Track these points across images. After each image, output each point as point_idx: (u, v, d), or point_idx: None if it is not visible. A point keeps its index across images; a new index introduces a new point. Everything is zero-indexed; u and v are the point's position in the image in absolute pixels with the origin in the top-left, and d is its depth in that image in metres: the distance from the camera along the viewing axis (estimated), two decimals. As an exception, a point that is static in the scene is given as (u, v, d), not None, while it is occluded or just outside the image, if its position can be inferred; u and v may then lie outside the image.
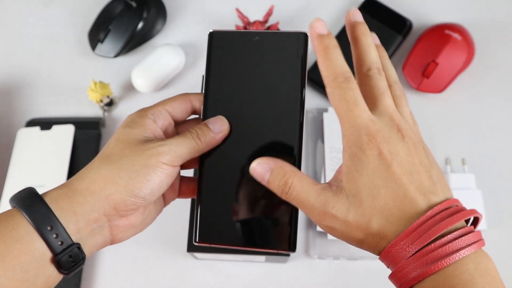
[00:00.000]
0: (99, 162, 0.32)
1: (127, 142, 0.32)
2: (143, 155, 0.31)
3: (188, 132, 0.33)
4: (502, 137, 0.62)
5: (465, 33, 0.63)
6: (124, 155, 0.31)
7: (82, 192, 0.30)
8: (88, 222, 0.30)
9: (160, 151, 0.31)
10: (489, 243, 0.57)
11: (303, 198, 0.30)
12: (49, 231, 0.28)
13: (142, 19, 0.67)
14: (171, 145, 0.32)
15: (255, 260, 0.55)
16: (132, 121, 0.34)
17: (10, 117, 0.66)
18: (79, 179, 0.31)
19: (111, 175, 0.30)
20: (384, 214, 0.29)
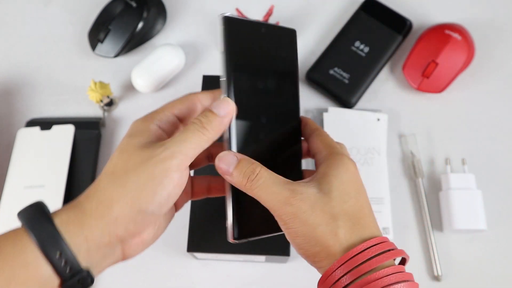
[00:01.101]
0: (105, 180, 0.30)
1: (130, 153, 0.30)
2: (147, 165, 0.29)
3: (191, 123, 0.31)
4: (502, 137, 0.62)
5: (465, 33, 0.63)
6: (128, 170, 0.30)
7: (92, 215, 0.29)
8: (99, 247, 0.29)
9: (164, 157, 0.29)
10: (489, 243, 0.58)
11: (269, 185, 0.30)
12: (58, 258, 0.27)
13: (142, 19, 0.67)
14: (175, 145, 0.30)
15: (255, 260, 0.55)
16: (135, 129, 0.32)
17: (10, 117, 0.66)
18: (88, 198, 0.30)
19: (116, 194, 0.29)
20: (351, 220, 0.30)
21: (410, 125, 0.63)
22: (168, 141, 0.30)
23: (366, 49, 0.65)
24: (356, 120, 0.62)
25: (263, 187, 0.30)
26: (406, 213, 0.59)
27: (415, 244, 0.57)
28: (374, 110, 0.63)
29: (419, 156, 0.61)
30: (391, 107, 0.64)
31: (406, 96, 0.65)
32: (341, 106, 0.64)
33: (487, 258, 0.56)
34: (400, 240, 0.57)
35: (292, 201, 0.30)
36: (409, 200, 0.59)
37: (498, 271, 0.56)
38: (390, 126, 0.63)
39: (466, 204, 0.56)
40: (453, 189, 0.57)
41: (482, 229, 0.55)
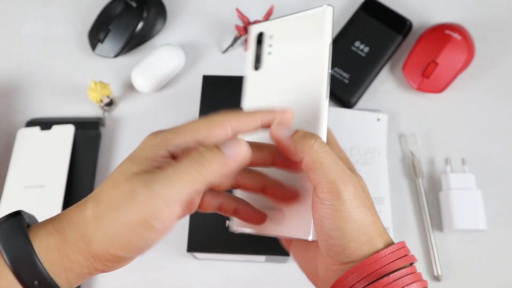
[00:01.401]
0: (90, 210, 0.27)
1: (118, 186, 0.26)
2: (126, 210, 0.25)
3: (187, 156, 0.26)
4: (502, 137, 0.62)
5: (465, 33, 0.63)
6: (110, 207, 0.26)
7: (72, 247, 0.27)
8: (79, 276, 0.28)
9: (143, 202, 0.25)
10: (489, 243, 0.58)
11: (333, 154, 0.29)
12: (37, 285, 0.26)
13: (142, 19, 0.67)
14: (159, 185, 0.25)
15: (255, 260, 0.55)
16: (139, 153, 0.28)
17: (10, 117, 0.66)
18: (71, 225, 0.27)
19: (95, 234, 0.26)
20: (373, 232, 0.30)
21: (410, 125, 0.63)
22: (151, 177, 0.26)
23: (366, 49, 0.65)
24: (356, 120, 0.62)
25: (330, 154, 0.29)
26: (406, 213, 0.59)
27: (415, 244, 0.57)
28: (374, 110, 0.63)
29: (419, 156, 0.61)
30: (391, 107, 0.64)
31: (406, 96, 0.65)
32: (341, 106, 0.64)
33: (487, 258, 0.56)
34: (400, 240, 0.57)
35: (355, 176, 0.29)
36: (409, 200, 0.59)
37: (498, 271, 0.56)
38: (390, 126, 0.63)
39: (466, 204, 0.56)
40: (453, 189, 0.57)
41: (482, 229, 0.55)
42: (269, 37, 0.36)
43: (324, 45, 0.34)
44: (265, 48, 0.36)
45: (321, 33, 0.34)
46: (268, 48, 0.36)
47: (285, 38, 0.35)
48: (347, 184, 0.28)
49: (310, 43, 0.34)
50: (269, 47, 0.36)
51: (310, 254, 0.33)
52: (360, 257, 0.29)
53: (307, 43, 0.34)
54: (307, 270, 0.34)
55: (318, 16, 0.34)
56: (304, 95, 0.34)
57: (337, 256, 0.29)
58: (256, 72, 0.36)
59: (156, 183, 0.25)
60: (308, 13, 0.35)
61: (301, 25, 0.35)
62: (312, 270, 0.33)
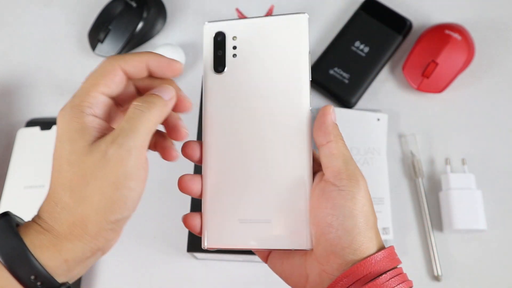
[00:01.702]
0: (66, 197, 0.28)
1: (80, 163, 0.28)
2: (106, 171, 0.27)
3: (133, 108, 0.29)
4: (502, 137, 0.62)
5: (465, 33, 0.63)
6: (87, 183, 0.27)
7: (67, 238, 0.28)
8: (81, 261, 0.29)
9: (121, 157, 0.27)
10: (489, 243, 0.58)
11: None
12: (33, 280, 0.27)
13: (142, 19, 0.67)
14: (127, 139, 0.28)
15: (255, 260, 0.55)
16: (70, 128, 0.29)
17: (10, 117, 0.66)
18: (56, 220, 0.28)
19: (86, 213, 0.28)
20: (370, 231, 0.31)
21: (410, 125, 0.63)
22: (117, 135, 0.28)
23: (366, 49, 0.65)
24: (356, 120, 0.62)
25: (349, 151, 0.33)
26: (406, 213, 0.59)
27: (415, 244, 0.57)
28: (374, 110, 0.63)
29: (419, 156, 0.61)
30: (391, 107, 0.64)
31: (406, 96, 0.65)
32: (341, 106, 0.64)
33: (487, 258, 0.56)
34: (400, 240, 0.57)
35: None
36: (409, 200, 0.59)
37: (498, 271, 0.56)
38: (390, 126, 0.62)
39: (466, 204, 0.56)
40: (453, 189, 0.57)
41: (482, 229, 0.55)
42: (232, 38, 0.34)
43: (302, 53, 0.33)
44: (228, 50, 0.34)
45: (298, 40, 0.33)
46: (231, 50, 0.34)
47: (254, 42, 0.33)
48: (362, 177, 0.31)
49: (285, 50, 0.33)
50: (233, 49, 0.33)
51: (295, 261, 0.32)
52: (361, 256, 0.29)
53: (282, 50, 0.33)
54: (292, 278, 0.33)
55: (293, 23, 0.33)
56: (282, 103, 0.33)
57: (342, 251, 0.29)
58: (218, 75, 0.34)
59: (121, 138, 0.28)
60: (281, 18, 0.34)
61: (273, 30, 0.33)
62: (299, 277, 0.32)
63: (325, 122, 0.32)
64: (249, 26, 0.34)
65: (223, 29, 0.34)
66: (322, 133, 0.32)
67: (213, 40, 0.34)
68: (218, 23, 0.34)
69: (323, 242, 0.30)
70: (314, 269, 0.31)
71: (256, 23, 0.34)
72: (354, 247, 0.29)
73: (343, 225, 0.29)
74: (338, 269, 0.29)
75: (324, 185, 0.31)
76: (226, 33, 0.34)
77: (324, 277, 0.30)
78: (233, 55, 0.34)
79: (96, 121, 0.29)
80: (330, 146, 0.31)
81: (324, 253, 0.30)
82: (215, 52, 0.34)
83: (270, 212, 0.32)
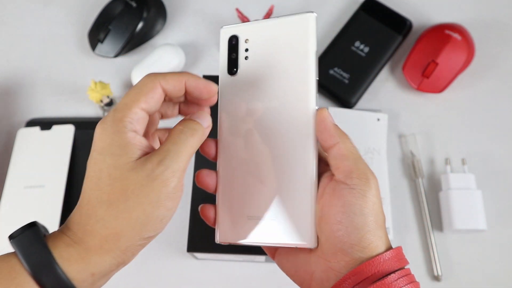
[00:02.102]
0: (103, 211, 0.28)
1: (123, 179, 0.28)
2: (148, 192, 0.28)
3: (178, 133, 0.30)
4: (502, 137, 0.62)
5: (465, 33, 0.63)
6: (128, 198, 0.28)
7: (97, 252, 0.28)
8: (106, 274, 0.29)
9: (166, 179, 0.28)
10: (489, 243, 0.58)
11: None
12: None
13: (142, 19, 0.67)
14: (172, 162, 0.29)
15: (255, 260, 0.55)
16: (113, 144, 0.29)
17: (10, 117, 0.66)
18: (88, 234, 0.28)
19: (121, 226, 0.28)
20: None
21: (410, 125, 0.63)
22: (163, 157, 0.29)
23: (366, 49, 0.65)
24: (356, 120, 0.62)
25: (358, 150, 0.33)
26: (406, 213, 0.59)
27: (415, 244, 0.57)
28: (374, 110, 0.63)
29: (419, 156, 0.61)
30: (391, 107, 0.64)
31: (406, 96, 0.65)
32: (341, 106, 0.64)
33: (487, 258, 0.56)
34: (400, 240, 0.57)
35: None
36: (409, 200, 0.59)
37: (498, 271, 0.56)
38: (390, 126, 0.63)
39: (466, 204, 0.56)
40: (453, 189, 0.57)
41: (482, 229, 0.55)
42: (244, 41, 0.34)
43: (309, 53, 0.33)
44: (240, 53, 0.34)
45: (305, 40, 0.33)
46: (244, 52, 0.34)
47: (263, 43, 0.34)
48: (373, 176, 0.31)
49: (293, 50, 0.33)
50: (245, 52, 0.34)
51: (299, 258, 0.33)
52: (370, 255, 0.29)
53: (289, 50, 0.33)
54: (297, 274, 0.33)
55: (301, 23, 0.33)
56: (290, 103, 0.33)
57: (350, 249, 0.29)
58: (231, 77, 0.35)
59: (168, 161, 0.29)
60: (289, 19, 0.34)
61: (281, 30, 0.34)
62: (304, 274, 0.32)
63: (326, 126, 0.32)
64: (260, 28, 0.34)
65: (237, 33, 0.35)
66: (327, 137, 0.32)
67: (228, 44, 0.35)
68: (232, 27, 0.35)
69: (332, 239, 0.30)
70: (320, 266, 0.31)
71: (266, 24, 0.34)
72: (363, 245, 0.29)
73: (353, 223, 0.30)
74: (346, 267, 0.30)
75: (335, 185, 0.31)
76: (239, 36, 0.35)
77: (331, 274, 0.30)
78: (245, 58, 0.34)
79: (137, 138, 0.30)
80: (338, 147, 0.32)
81: (332, 250, 0.30)
82: (229, 55, 0.35)
83: (277, 210, 0.33)
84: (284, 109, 0.33)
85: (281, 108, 0.33)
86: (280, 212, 0.33)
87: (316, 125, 0.32)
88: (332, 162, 0.32)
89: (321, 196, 0.32)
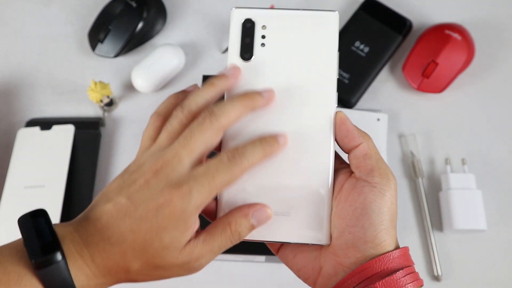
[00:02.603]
0: (136, 265, 0.30)
1: (177, 252, 0.30)
2: (178, 263, 0.31)
3: (222, 231, 0.31)
4: (502, 137, 0.62)
5: (465, 33, 0.63)
6: (157, 267, 0.30)
7: (111, 274, 0.30)
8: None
9: (196, 267, 0.32)
10: (489, 243, 0.58)
11: None
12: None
13: (142, 19, 0.67)
14: (206, 255, 0.31)
15: (255, 260, 0.55)
16: (178, 219, 0.29)
17: (10, 117, 0.66)
18: (113, 275, 0.30)
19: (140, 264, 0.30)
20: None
21: (410, 125, 0.63)
22: (197, 246, 0.30)
23: (366, 49, 0.65)
24: (356, 120, 0.61)
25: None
26: (406, 213, 0.59)
27: (415, 244, 0.57)
28: (374, 110, 0.63)
29: (419, 156, 0.61)
30: (391, 107, 0.64)
31: (406, 96, 0.65)
32: (341, 106, 0.64)
33: (487, 258, 0.56)
34: (400, 240, 0.57)
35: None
36: (409, 200, 0.59)
37: (498, 271, 0.56)
38: (390, 126, 0.62)
39: (466, 204, 0.56)
40: (453, 189, 0.57)
41: (482, 229, 0.55)
42: (262, 27, 0.34)
43: (332, 51, 0.33)
44: (256, 38, 0.34)
45: (328, 38, 0.33)
46: (260, 39, 0.33)
47: (283, 33, 0.34)
48: (393, 177, 0.32)
49: (316, 47, 0.33)
50: (262, 39, 0.34)
51: (309, 254, 0.33)
52: (381, 251, 0.30)
53: (312, 46, 0.33)
54: (304, 270, 0.33)
55: (325, 20, 0.33)
56: (309, 99, 0.33)
57: (363, 245, 0.30)
58: (244, 62, 0.33)
59: (204, 252, 0.31)
60: (312, 14, 0.34)
61: (303, 24, 0.34)
62: (312, 269, 0.33)
63: (348, 128, 0.33)
64: (279, 17, 0.34)
65: (253, 17, 0.34)
66: (350, 139, 0.32)
67: (242, 27, 0.34)
68: (247, 10, 0.34)
69: (346, 235, 0.31)
70: (329, 261, 0.32)
71: (287, 15, 0.34)
72: (376, 242, 0.30)
73: (370, 220, 0.30)
74: (356, 263, 0.30)
75: (355, 182, 0.32)
76: (256, 21, 0.34)
77: (339, 269, 0.31)
78: (262, 44, 0.34)
79: (195, 224, 0.30)
80: (362, 147, 0.32)
81: (344, 246, 0.31)
82: (242, 39, 0.34)
83: (290, 206, 0.32)
84: (300, 104, 0.33)
85: (297, 102, 0.33)
86: (292, 208, 0.32)
87: (337, 128, 0.33)
88: (354, 161, 0.32)
89: (338, 193, 0.32)
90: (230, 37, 0.34)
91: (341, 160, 0.33)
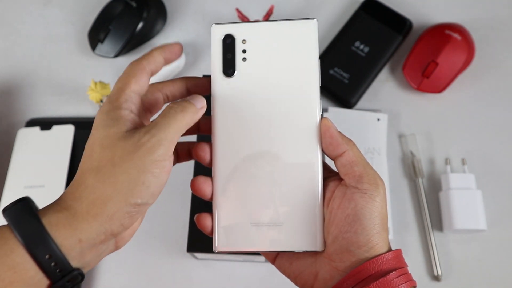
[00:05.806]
0: (91, 177, 0.29)
1: (112, 147, 0.30)
2: (135, 157, 0.29)
3: (169, 108, 0.31)
4: (502, 137, 0.62)
5: (465, 33, 0.63)
6: (115, 163, 0.29)
7: (84, 217, 0.28)
8: (94, 246, 0.29)
9: (152, 146, 0.29)
10: (489, 243, 0.58)
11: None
12: (48, 259, 0.27)
13: (142, 19, 0.67)
14: (160, 131, 0.30)
15: (255, 260, 0.55)
16: (107, 118, 0.31)
17: (10, 117, 0.66)
18: (77, 199, 0.29)
19: (108, 192, 0.29)
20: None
21: (410, 125, 0.63)
22: (151, 127, 0.30)
23: (366, 49, 0.65)
24: (356, 120, 0.62)
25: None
26: (406, 213, 0.59)
27: (415, 244, 0.57)
28: (374, 110, 0.63)
29: (419, 156, 0.61)
30: (391, 107, 0.64)
31: (406, 96, 0.65)
32: (341, 106, 0.64)
33: (487, 258, 0.56)
34: (400, 240, 0.57)
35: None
36: (409, 200, 0.59)
37: (498, 271, 0.56)
38: (390, 126, 0.63)
39: (466, 204, 0.56)
40: (453, 189, 0.57)
41: (482, 229, 0.55)
42: (242, 41, 0.34)
43: (312, 58, 0.33)
44: (237, 53, 0.34)
45: (307, 46, 0.33)
46: (241, 53, 0.34)
47: (263, 46, 0.34)
48: (382, 181, 0.33)
49: (296, 56, 0.33)
50: (243, 53, 0.34)
51: (305, 261, 0.34)
52: (374, 254, 0.31)
53: (292, 55, 0.33)
54: (300, 277, 0.34)
55: (304, 29, 0.34)
56: (293, 108, 0.33)
57: (357, 249, 0.31)
58: (227, 78, 0.34)
59: (155, 130, 0.30)
60: (290, 23, 0.34)
61: (282, 34, 0.34)
62: (308, 276, 0.33)
63: (332, 135, 0.33)
64: (258, 30, 0.34)
65: (232, 32, 0.34)
66: (334, 146, 0.33)
67: (222, 43, 0.34)
68: (226, 26, 0.34)
69: (340, 241, 0.31)
70: (324, 267, 0.32)
71: (265, 27, 0.34)
72: (369, 246, 0.31)
73: (363, 225, 0.31)
74: (351, 266, 0.31)
75: (345, 189, 0.32)
76: (236, 36, 0.34)
77: (335, 273, 0.32)
78: (243, 59, 0.34)
79: (130, 115, 0.31)
80: (347, 155, 0.33)
81: (339, 251, 0.32)
82: (224, 55, 0.34)
83: (282, 215, 0.33)
84: (286, 114, 0.33)
85: (282, 112, 0.33)
86: (285, 217, 0.33)
87: (322, 135, 0.33)
88: (342, 169, 0.33)
89: (330, 200, 0.33)
90: (212, 54, 0.34)
91: (329, 169, 0.35)
